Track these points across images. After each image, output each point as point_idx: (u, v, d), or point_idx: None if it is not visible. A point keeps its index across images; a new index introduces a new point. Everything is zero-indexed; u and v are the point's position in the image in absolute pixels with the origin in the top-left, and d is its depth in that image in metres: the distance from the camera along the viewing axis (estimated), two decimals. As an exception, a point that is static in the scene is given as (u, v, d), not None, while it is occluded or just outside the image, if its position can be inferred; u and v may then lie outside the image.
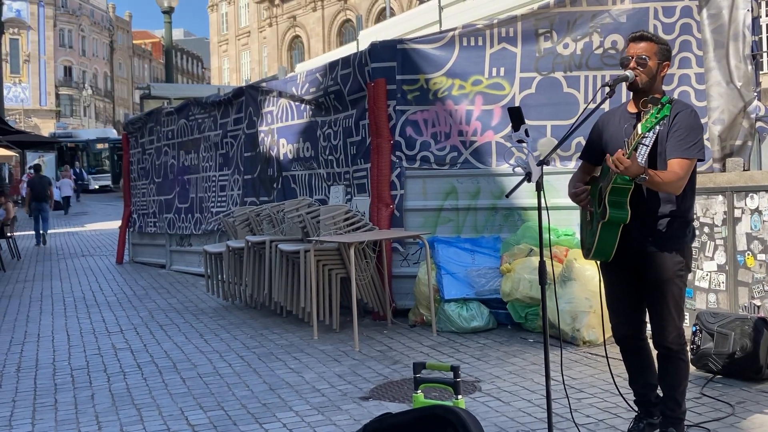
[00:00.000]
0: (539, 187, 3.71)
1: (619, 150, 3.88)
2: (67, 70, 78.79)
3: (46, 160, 41.54)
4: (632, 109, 4.21)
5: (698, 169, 4.40)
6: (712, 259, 6.18)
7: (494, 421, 4.87)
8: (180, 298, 10.46)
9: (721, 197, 6.14)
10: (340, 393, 5.67)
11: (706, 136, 6.85)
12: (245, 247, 8.85)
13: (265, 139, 10.40)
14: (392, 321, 7.89)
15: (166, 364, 6.81)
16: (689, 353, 5.29)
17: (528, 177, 3.71)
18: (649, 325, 4.28)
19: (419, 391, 3.66)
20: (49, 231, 21.36)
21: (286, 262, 8.13)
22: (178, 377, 6.36)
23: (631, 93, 4.22)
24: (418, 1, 21.26)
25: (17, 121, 63.73)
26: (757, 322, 5.42)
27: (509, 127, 4.56)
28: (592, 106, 4.16)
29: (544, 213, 3.83)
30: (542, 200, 3.73)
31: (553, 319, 6.62)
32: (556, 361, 5.94)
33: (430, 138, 8.04)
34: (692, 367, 5.31)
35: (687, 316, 5.98)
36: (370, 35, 13.31)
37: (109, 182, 44.63)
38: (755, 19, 7.07)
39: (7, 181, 39.91)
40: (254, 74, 56.38)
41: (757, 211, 5.90)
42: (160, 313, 9.34)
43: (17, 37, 72.74)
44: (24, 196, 27.93)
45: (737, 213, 6.02)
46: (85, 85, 78.17)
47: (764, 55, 19.48)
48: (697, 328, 5.62)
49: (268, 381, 6.09)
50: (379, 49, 8.18)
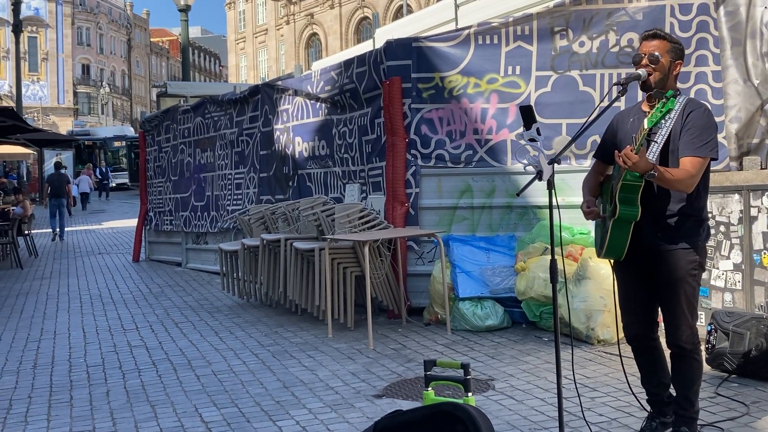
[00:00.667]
0: (550, 185, 3.73)
1: (628, 146, 3.89)
2: (85, 68, 79.21)
3: (64, 158, 41.83)
4: (646, 107, 4.21)
5: (714, 168, 4.40)
6: (728, 258, 6.17)
7: (507, 420, 4.89)
8: (195, 295, 10.53)
9: (737, 196, 6.13)
10: (353, 391, 5.70)
11: (722, 135, 6.83)
12: (260, 245, 8.90)
13: (281, 137, 10.45)
14: (407, 319, 7.91)
15: (180, 362, 6.87)
16: (704, 352, 5.30)
17: (539, 175, 3.72)
18: (662, 324, 4.28)
19: (430, 389, 3.69)
20: (66, 228, 21.60)
21: (301, 261, 8.17)
22: (192, 374, 6.41)
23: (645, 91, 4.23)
24: (436, -1, 21.24)
25: (35, 119, 64.19)
26: (772, 321, 5.42)
27: (522, 127, 4.59)
28: (605, 104, 4.17)
29: (560, 211, 3.84)
30: (553, 199, 3.74)
31: (567, 317, 6.63)
32: (569, 360, 5.97)
33: (445, 136, 8.06)
34: (707, 367, 5.32)
35: (702, 315, 5.98)
36: (386, 33, 13.33)
37: (126, 180, 44.86)
38: (773, 17, 7.04)
39: (25, 179, 40.26)
40: (271, 72, 56.49)
41: (773, 209, 5.89)
42: (176, 311, 9.41)
43: (35, 35, 73.20)
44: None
45: (753, 212, 6.00)
46: (103, 83, 78.55)
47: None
48: (713, 327, 5.62)
49: (282, 379, 6.13)
50: (395, 47, 8.20)
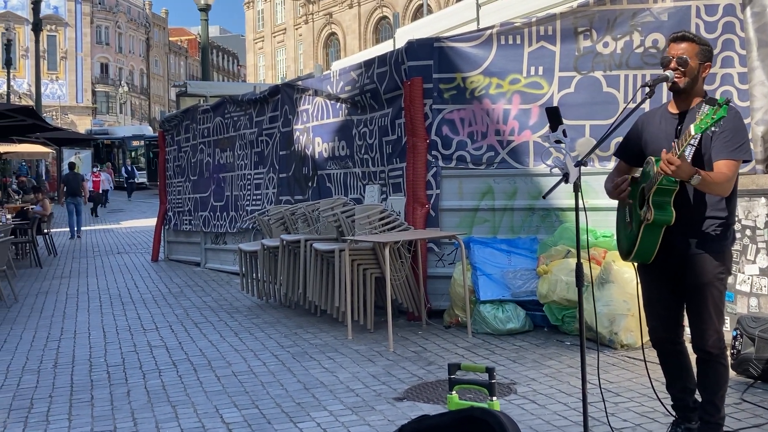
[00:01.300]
0: (576, 188, 3.71)
1: (670, 152, 3.83)
2: (104, 67, 79.64)
3: (83, 157, 42.11)
4: (673, 109, 4.19)
5: (741, 171, 4.36)
6: (754, 262, 6.12)
7: (530, 424, 4.88)
8: (215, 296, 10.56)
9: (763, 199, 6.08)
10: (374, 393, 5.70)
11: (749, 137, 6.78)
12: (280, 246, 8.92)
13: (301, 137, 10.46)
14: (427, 322, 7.90)
15: (200, 362, 6.89)
16: (729, 358, 5.25)
17: (565, 178, 3.71)
18: (687, 329, 4.25)
19: (454, 392, 3.68)
20: (83, 228, 21.74)
21: (320, 262, 8.18)
22: (212, 375, 6.43)
23: (672, 93, 4.21)
24: (456, -1, 21.21)
25: (54, 117, 64.62)
26: (799, 327, 5.37)
27: (547, 127, 4.56)
28: (632, 106, 4.15)
29: (582, 214, 3.83)
30: (580, 201, 3.72)
31: (591, 322, 6.59)
32: (593, 364, 5.93)
33: (467, 137, 8.05)
34: (732, 372, 5.27)
35: (728, 320, 5.93)
36: (406, 33, 13.31)
37: (144, 180, 45.06)
38: (801, 18, 6.98)
39: (44, 178, 40.58)
40: (290, 71, 56.60)
41: (800, 213, 5.84)
42: (195, 311, 9.44)
43: (54, 34, 73.67)
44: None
45: (780, 215, 5.96)
46: (122, 82, 78.96)
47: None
48: (738, 332, 5.58)
49: (303, 380, 6.14)
50: (416, 48, 8.20)
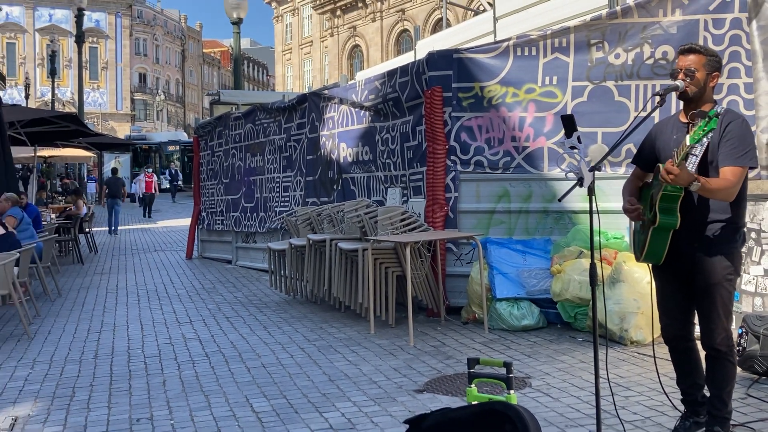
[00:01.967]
0: (591, 191, 3.68)
1: (669, 161, 3.83)
2: (142, 77, 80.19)
3: (122, 161, 42.42)
4: (683, 119, 4.15)
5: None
6: (759, 263, 6.05)
7: (544, 416, 4.84)
8: (245, 292, 10.58)
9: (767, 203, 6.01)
10: (395, 385, 5.68)
11: (755, 144, 6.71)
12: (306, 245, 8.92)
13: (327, 143, 10.46)
14: (446, 318, 7.87)
15: (232, 354, 6.90)
16: (736, 355, 5.19)
17: (580, 182, 3.67)
18: (698, 327, 4.21)
19: (473, 385, 3.66)
20: (121, 227, 21.91)
21: (345, 260, 8.17)
22: (243, 366, 6.44)
23: (682, 103, 4.17)
24: (473, 13, 21.17)
25: (95, 123, 65.14)
26: (803, 326, 5.30)
27: (561, 133, 4.53)
28: (643, 114, 4.11)
29: (595, 216, 3.79)
30: (593, 204, 3.69)
31: (602, 319, 6.55)
32: (604, 359, 5.87)
33: (484, 143, 8.01)
34: (738, 369, 5.21)
35: (734, 319, 5.86)
36: (427, 45, 13.32)
37: (179, 182, 45.26)
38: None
39: (86, 180, 40.90)
40: (316, 82, 56.66)
41: (804, 217, 5.76)
42: (227, 306, 9.46)
43: (96, 46, 74.30)
44: (89, 193, 32.16)
45: (785, 219, 5.89)
46: (158, 91, 79.45)
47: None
48: (743, 330, 5.51)
49: (328, 372, 6.13)
50: (436, 58, 8.17)
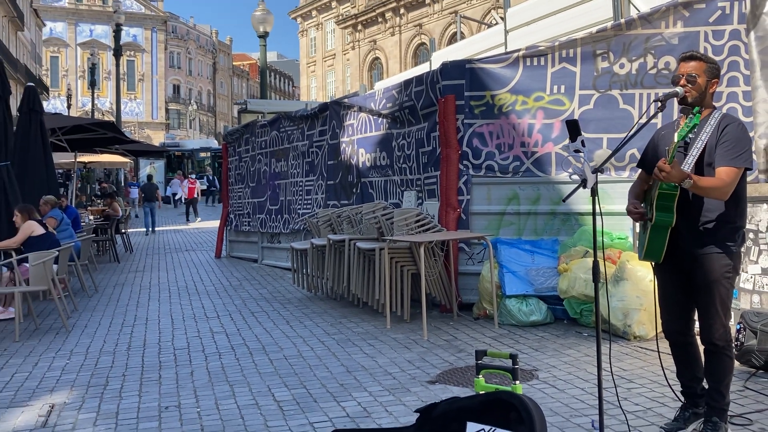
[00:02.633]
0: (594, 192, 3.64)
1: (662, 159, 3.79)
2: (176, 88, 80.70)
3: (157, 166, 42.72)
4: (683, 123, 4.10)
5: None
6: (757, 262, 5.96)
7: (550, 407, 4.79)
8: (270, 288, 10.58)
9: (765, 205, 5.93)
10: (409, 377, 5.66)
11: (752, 149, 6.62)
12: (327, 245, 8.91)
13: (346, 149, 10.46)
14: (458, 314, 7.83)
15: (256, 347, 6.90)
16: (734, 349, 5.12)
17: (584, 183, 3.63)
18: (697, 323, 4.16)
19: (480, 376, 3.63)
20: (157, 228, 22.03)
21: (363, 259, 8.16)
22: (266, 358, 6.43)
23: (683, 108, 4.11)
24: (486, 26, 21.12)
25: (132, 132, 65.58)
26: (799, 322, 5.22)
27: (568, 139, 4.49)
28: (644, 120, 4.07)
29: (599, 217, 3.75)
30: (596, 205, 3.65)
31: (606, 315, 6.50)
32: (607, 353, 5.81)
33: (495, 149, 7.97)
34: (736, 363, 5.14)
35: (732, 315, 5.79)
36: (442, 56, 13.28)
37: (217, 186, 45.50)
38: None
39: (123, 184, 41.22)
40: (338, 92, 56.73)
41: (800, 219, 5.67)
42: (252, 302, 9.46)
43: (133, 59, 74.88)
44: (132, 198, 33.23)
45: (781, 220, 5.80)
46: (191, 101, 79.90)
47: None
48: (741, 326, 5.44)
49: (346, 364, 6.11)
50: (450, 69, 8.14)
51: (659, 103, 3.93)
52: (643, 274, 6.40)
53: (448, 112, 8.01)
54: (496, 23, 16.66)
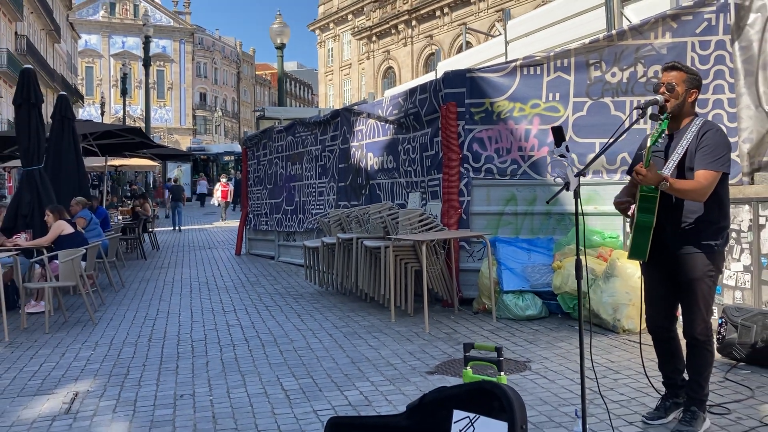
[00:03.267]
0: (576, 194, 3.63)
1: (639, 163, 3.78)
2: (202, 96, 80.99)
3: (183, 169, 42.88)
4: (667, 130, 4.07)
5: (729, 182, 4.21)
6: (739, 260, 5.93)
7: (540, 396, 4.79)
8: (284, 284, 10.61)
9: (747, 206, 5.89)
10: (410, 368, 5.66)
11: (736, 153, 6.59)
12: (336, 243, 8.92)
13: (356, 153, 10.47)
14: (458, 308, 7.83)
15: (268, 339, 6.92)
16: (715, 342, 5.10)
17: (566, 186, 3.62)
18: (680, 318, 4.13)
19: (468, 368, 3.63)
20: (183, 227, 22.15)
21: (369, 256, 8.17)
22: (277, 350, 6.45)
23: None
24: (491, 37, 21.10)
25: (161, 137, 65.97)
26: (778, 317, 5.18)
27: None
28: (626, 125, 4.05)
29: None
30: (578, 206, 3.63)
31: (597, 310, 6.48)
32: (599, 346, 5.82)
33: (494, 153, 7.96)
34: (718, 355, 5.12)
35: (715, 310, 5.76)
36: (446, 66, 13.28)
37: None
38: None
39: (152, 186, 41.46)
40: (354, 99, 56.75)
41: (780, 219, 5.63)
42: (267, 297, 9.49)
43: (162, 69, 75.24)
44: (165, 198, 32.81)
45: (762, 220, 5.76)
46: (216, 108, 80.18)
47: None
48: (723, 320, 5.40)
49: (351, 355, 6.12)
50: (451, 78, 8.14)
51: (641, 110, 3.91)
52: (633, 271, 6.37)
53: (449, 119, 8.01)
54: (500, 34, 16.63)
